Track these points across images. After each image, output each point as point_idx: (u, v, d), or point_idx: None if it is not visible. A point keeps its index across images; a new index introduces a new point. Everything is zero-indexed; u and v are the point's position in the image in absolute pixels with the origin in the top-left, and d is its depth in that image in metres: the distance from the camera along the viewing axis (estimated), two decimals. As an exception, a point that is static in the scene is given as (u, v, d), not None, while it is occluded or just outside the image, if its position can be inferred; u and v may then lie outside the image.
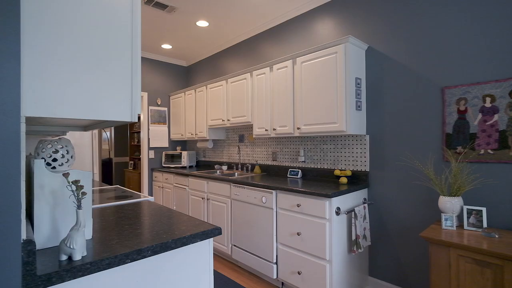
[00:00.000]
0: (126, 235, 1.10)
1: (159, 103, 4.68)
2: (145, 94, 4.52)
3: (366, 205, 2.33)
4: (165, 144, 4.75)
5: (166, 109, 4.78)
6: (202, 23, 3.39)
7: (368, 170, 2.48)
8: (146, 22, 3.37)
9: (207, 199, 3.29)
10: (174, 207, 3.89)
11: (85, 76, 0.87)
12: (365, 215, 2.30)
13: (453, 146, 2.00)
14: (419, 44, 2.17)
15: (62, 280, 0.81)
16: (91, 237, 1.07)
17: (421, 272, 2.15)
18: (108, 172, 7.32)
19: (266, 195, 2.51)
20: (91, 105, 0.87)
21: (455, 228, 1.76)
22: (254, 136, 3.11)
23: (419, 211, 2.17)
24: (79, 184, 0.92)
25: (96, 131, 3.28)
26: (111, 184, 7.23)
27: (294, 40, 3.14)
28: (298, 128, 2.63)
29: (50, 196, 0.99)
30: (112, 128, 7.26)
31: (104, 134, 8.03)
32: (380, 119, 2.40)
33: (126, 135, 7.29)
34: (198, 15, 3.20)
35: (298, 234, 2.25)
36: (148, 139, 4.56)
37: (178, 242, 1.06)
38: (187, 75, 5.06)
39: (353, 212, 2.18)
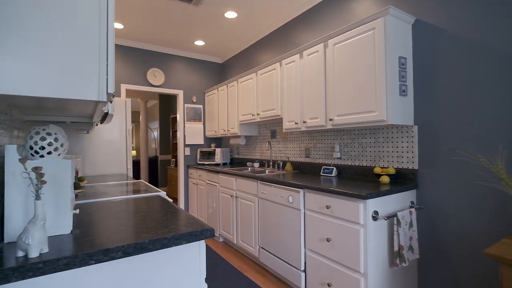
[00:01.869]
0: (106, 232, 0.98)
1: (194, 100, 4.71)
2: (181, 92, 4.58)
3: (413, 209, 1.93)
4: (201, 141, 4.75)
5: (201, 106, 4.78)
6: (231, 14, 3.26)
7: (416, 168, 2.06)
8: (175, 18, 3.37)
9: (236, 197, 3.15)
10: (213, 205, 3.83)
11: (34, 45, 0.75)
12: (411, 222, 1.90)
13: (535, 136, 1.51)
14: (482, 7, 1.71)
15: (7, 280, 0.70)
16: (69, 232, 0.98)
17: (488, 298, 1.69)
18: (155, 169, 7.72)
19: (293, 194, 2.26)
20: (41, 81, 0.75)
21: (538, 245, 1.30)
22: (284, 130, 2.87)
23: (484, 220, 1.71)
24: (40, 172, 0.81)
25: (130, 128, 3.37)
26: (156, 181, 7.61)
27: (328, 23, 2.82)
28: (330, 120, 2.32)
29: (24, 185, 0.91)
30: (158, 128, 7.64)
31: (152, 134, 8.52)
32: (432, 105, 1.97)
33: (170, 134, 7.60)
34: (226, 6, 3.07)
35: (328, 240, 1.95)
36: (184, 136, 4.61)
37: (156, 243, 0.90)
38: (222, 71, 5.01)
39: (395, 218, 1.81)
